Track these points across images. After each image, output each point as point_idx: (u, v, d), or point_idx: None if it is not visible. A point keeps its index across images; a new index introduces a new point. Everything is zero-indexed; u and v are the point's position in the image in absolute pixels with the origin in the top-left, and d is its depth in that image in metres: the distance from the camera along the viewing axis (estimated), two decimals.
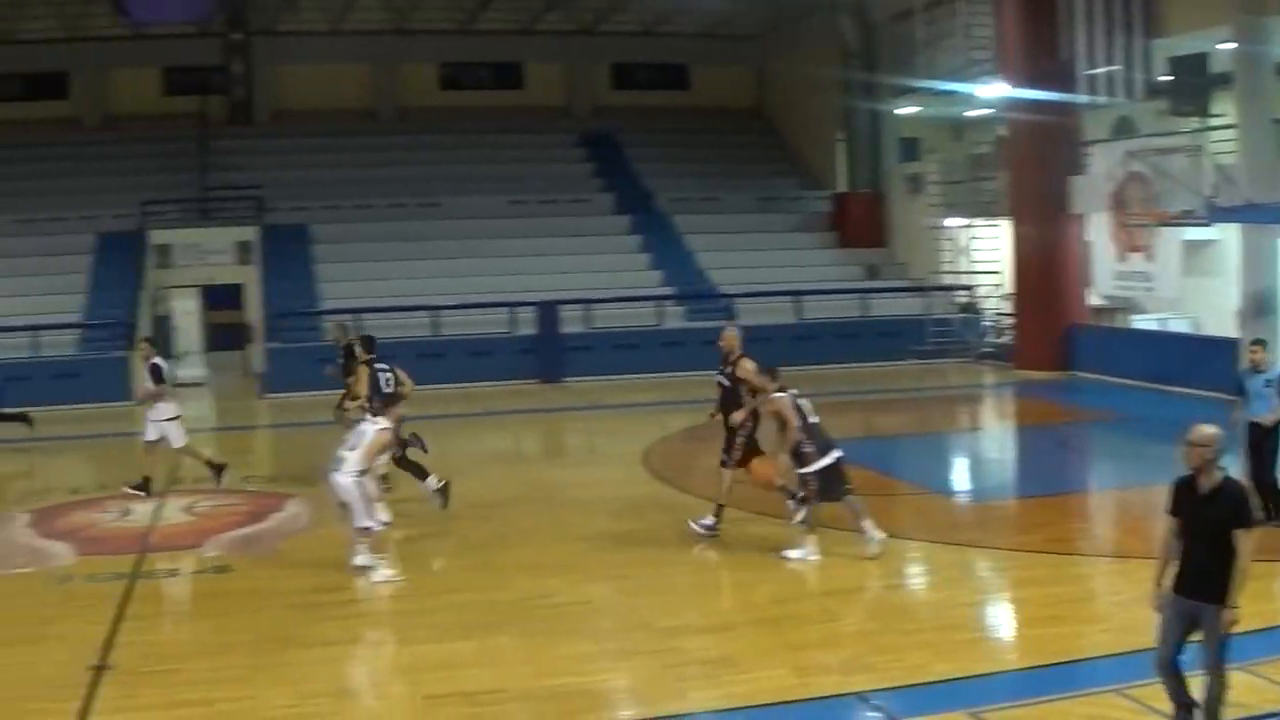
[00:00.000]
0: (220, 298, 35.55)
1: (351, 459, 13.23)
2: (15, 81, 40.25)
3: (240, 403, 30.88)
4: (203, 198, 35.36)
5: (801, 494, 13.47)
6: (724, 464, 14.39)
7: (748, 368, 14.05)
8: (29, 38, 39.19)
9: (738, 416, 14.20)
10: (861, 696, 9.45)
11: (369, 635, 11.37)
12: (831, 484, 13.33)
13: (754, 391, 13.93)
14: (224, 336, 35.80)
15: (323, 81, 41.37)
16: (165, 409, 17.66)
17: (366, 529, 13.22)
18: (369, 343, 17.29)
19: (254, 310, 34.21)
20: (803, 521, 13.46)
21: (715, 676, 10.04)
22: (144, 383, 17.98)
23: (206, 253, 34.71)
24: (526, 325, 31.41)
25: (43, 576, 13.89)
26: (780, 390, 13.42)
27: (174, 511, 16.93)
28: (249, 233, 34.70)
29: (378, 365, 16.65)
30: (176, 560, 14.27)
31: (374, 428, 13.48)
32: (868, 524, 13.36)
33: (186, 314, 37.21)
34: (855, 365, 31.29)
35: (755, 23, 42.17)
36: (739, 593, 12.26)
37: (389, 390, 16.03)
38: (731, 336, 14.66)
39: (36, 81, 40.35)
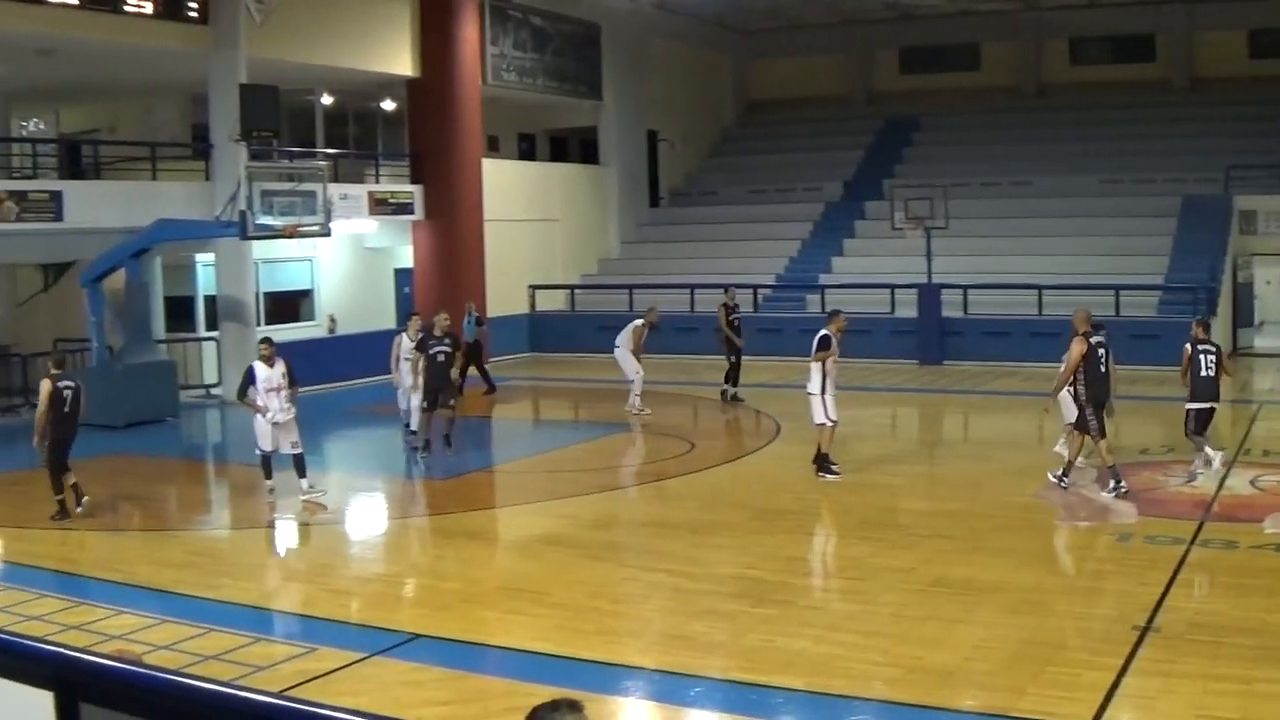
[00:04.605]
0: None
1: None
2: (1104, 44, 41.31)
3: None
4: None
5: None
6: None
7: (1072, 348, 16.22)
8: (1119, 0, 39.86)
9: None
10: None
11: None
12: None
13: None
14: None
15: None
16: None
17: None
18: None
19: None
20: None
21: None
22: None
23: None
24: None
25: (1104, 532, 14.28)
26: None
27: (1239, 483, 16.58)
28: None
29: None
30: (1235, 533, 13.94)
31: None
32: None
33: (1268, 283, 36.12)
34: None
35: None
36: None
37: None
38: (1076, 313, 16.79)
39: (1124, 44, 41.05)
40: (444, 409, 19.38)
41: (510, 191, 34.18)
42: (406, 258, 32.91)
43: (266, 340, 17.51)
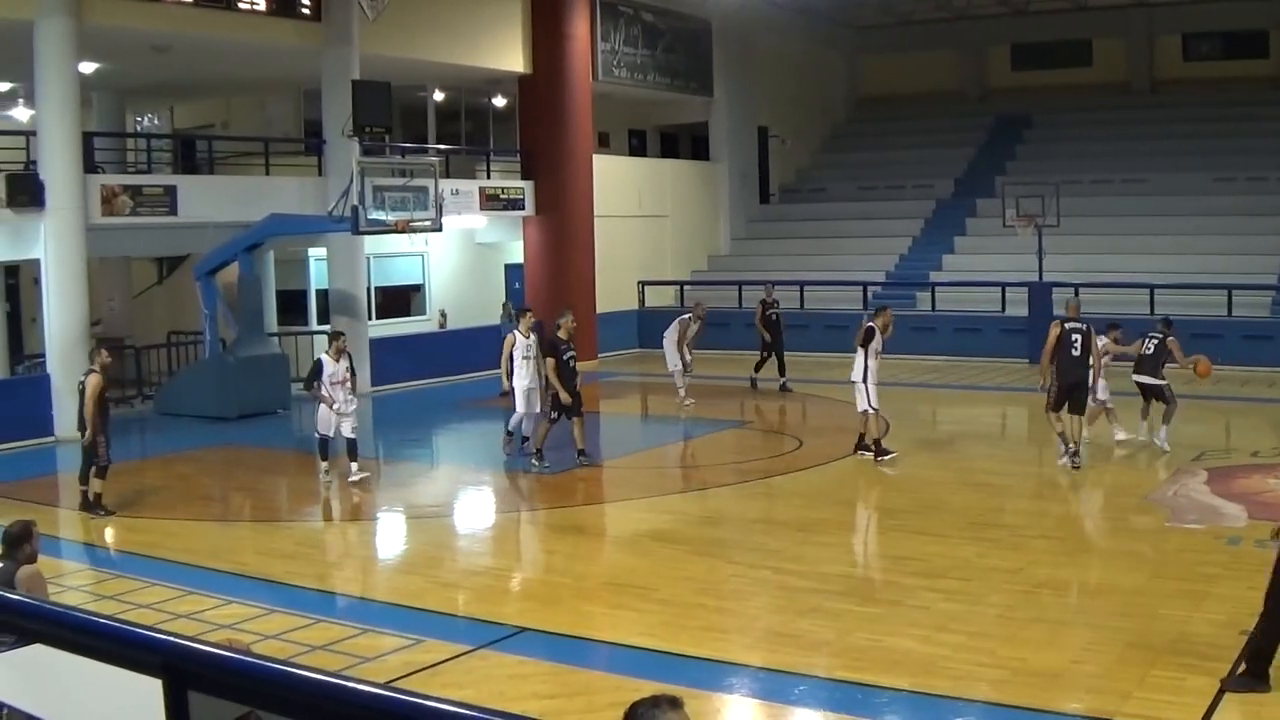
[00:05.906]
0: None
1: None
2: (1217, 40, 40.60)
3: None
4: None
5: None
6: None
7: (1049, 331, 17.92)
8: None
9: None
10: None
11: None
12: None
13: None
14: None
15: None
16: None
17: None
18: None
19: None
20: None
21: None
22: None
23: None
24: None
25: (1212, 535, 14.04)
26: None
27: None
28: None
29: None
30: None
31: None
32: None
33: None
34: None
35: None
36: None
37: None
38: (1069, 304, 18.75)
39: (1237, 40, 40.30)
40: (578, 417, 18.61)
41: (620, 187, 34.30)
42: (517, 253, 33.11)
43: (339, 334, 18.59)
